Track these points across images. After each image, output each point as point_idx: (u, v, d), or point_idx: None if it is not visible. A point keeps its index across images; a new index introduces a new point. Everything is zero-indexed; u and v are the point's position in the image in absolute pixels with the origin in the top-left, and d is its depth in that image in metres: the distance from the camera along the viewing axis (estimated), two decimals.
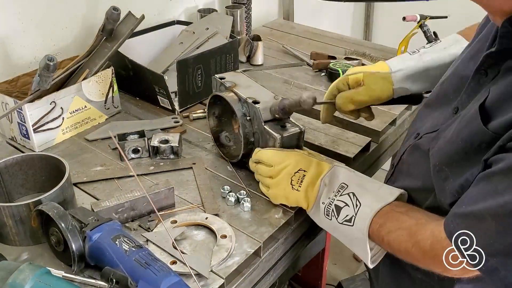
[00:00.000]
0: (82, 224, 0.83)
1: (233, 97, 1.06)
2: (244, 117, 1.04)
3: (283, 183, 0.94)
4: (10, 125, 1.18)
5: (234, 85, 1.08)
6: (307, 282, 1.54)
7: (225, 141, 1.17)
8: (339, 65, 1.49)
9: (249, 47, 1.60)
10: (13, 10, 1.27)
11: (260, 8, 1.98)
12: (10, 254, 0.87)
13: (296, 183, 0.93)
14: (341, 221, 0.87)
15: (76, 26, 1.43)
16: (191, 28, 1.54)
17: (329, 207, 0.89)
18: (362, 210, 0.85)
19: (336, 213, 0.88)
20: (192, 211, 0.98)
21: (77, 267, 0.81)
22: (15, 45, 1.30)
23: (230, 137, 1.16)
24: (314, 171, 0.93)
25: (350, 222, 0.86)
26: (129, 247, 0.79)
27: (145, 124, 1.26)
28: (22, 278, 0.71)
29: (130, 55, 1.34)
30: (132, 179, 1.07)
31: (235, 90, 1.07)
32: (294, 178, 0.93)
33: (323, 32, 1.90)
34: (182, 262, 0.84)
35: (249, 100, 1.03)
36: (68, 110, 1.20)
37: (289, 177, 0.94)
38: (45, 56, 1.06)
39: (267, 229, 0.94)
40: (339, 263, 2.18)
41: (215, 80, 1.12)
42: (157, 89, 1.31)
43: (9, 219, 0.87)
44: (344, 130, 1.26)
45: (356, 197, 0.87)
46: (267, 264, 0.95)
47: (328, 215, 0.89)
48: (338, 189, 0.89)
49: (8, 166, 0.97)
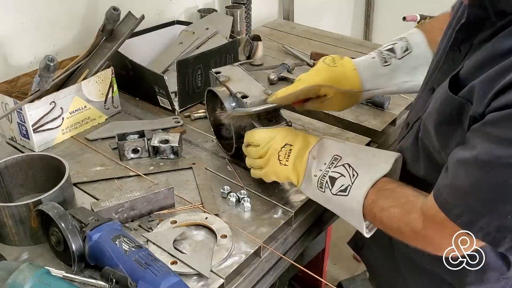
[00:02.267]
0: (82, 224, 0.83)
1: (225, 92, 1.07)
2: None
3: (271, 160, 0.94)
4: (10, 125, 1.18)
5: (227, 79, 1.08)
6: (307, 282, 1.54)
7: (226, 134, 1.18)
8: None
9: (249, 47, 1.60)
10: (13, 10, 1.27)
11: (260, 8, 1.98)
12: (10, 254, 0.87)
13: (283, 158, 0.93)
14: (335, 192, 0.86)
15: (76, 26, 1.43)
16: (191, 28, 1.54)
17: (323, 179, 0.88)
18: (359, 179, 0.84)
19: (330, 184, 0.87)
20: (192, 211, 0.98)
21: (77, 267, 0.81)
22: (15, 45, 1.30)
23: (230, 129, 1.16)
24: (300, 144, 0.92)
25: (345, 192, 0.85)
26: (129, 247, 0.79)
27: (145, 124, 1.26)
28: (22, 278, 0.71)
29: (130, 55, 1.34)
30: (132, 179, 1.07)
31: (227, 84, 1.07)
32: (281, 153, 0.93)
33: (323, 32, 1.90)
34: (182, 262, 0.84)
35: (238, 94, 1.03)
36: (68, 110, 1.20)
37: (276, 152, 0.93)
38: (45, 57, 1.06)
39: (267, 229, 0.94)
40: (339, 263, 2.18)
41: (212, 74, 1.13)
42: (157, 89, 1.31)
43: (9, 219, 0.87)
44: (344, 130, 1.26)
45: (352, 168, 0.86)
46: (267, 264, 0.95)
47: (322, 187, 0.88)
48: (332, 161, 0.88)
49: (8, 166, 0.97)
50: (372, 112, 1.34)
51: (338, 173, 0.86)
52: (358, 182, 0.84)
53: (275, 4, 2.15)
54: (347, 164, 0.86)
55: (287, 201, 1.01)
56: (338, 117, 1.31)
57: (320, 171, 0.88)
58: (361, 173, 0.85)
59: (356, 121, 1.30)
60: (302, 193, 1.03)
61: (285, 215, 0.97)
